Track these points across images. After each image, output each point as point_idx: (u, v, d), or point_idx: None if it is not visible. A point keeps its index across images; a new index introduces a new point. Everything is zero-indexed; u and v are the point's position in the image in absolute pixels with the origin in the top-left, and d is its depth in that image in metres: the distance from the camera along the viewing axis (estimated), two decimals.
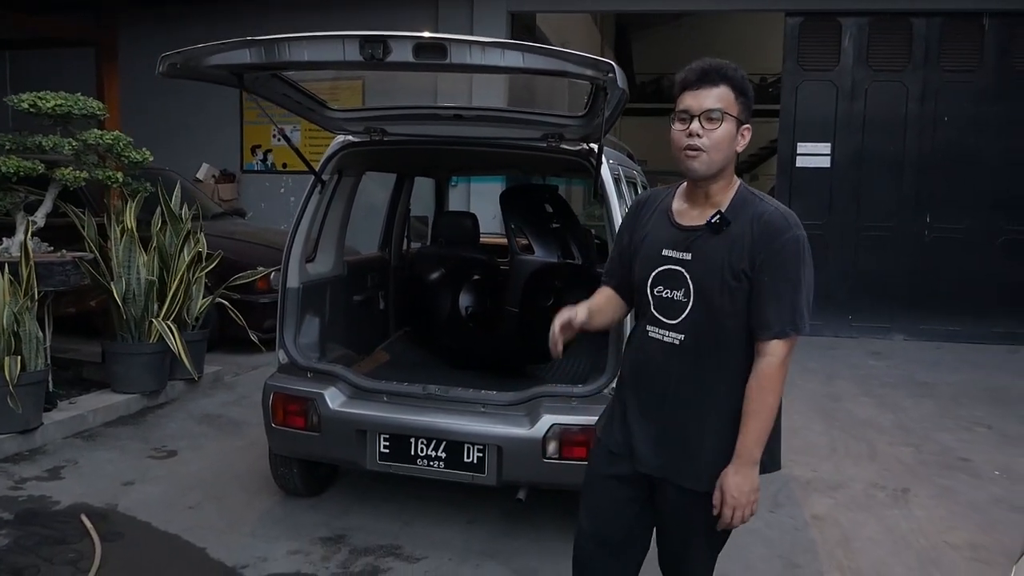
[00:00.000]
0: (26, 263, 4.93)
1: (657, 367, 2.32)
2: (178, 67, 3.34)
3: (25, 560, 3.56)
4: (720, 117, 2.20)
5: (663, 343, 2.30)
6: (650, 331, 2.33)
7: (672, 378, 2.29)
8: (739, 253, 2.19)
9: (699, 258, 2.24)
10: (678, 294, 2.27)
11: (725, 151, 2.23)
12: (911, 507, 4.56)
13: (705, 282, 2.22)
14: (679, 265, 2.27)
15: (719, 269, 2.21)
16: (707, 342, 2.25)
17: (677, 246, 2.29)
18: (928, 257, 9.53)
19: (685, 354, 2.26)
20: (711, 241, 2.24)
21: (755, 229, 2.20)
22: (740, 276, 2.19)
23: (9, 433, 4.78)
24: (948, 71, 9.42)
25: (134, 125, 6.94)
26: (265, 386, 4.02)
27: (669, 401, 2.30)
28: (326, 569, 3.61)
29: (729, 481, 2.21)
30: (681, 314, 2.26)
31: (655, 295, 2.31)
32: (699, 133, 2.20)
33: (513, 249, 4.64)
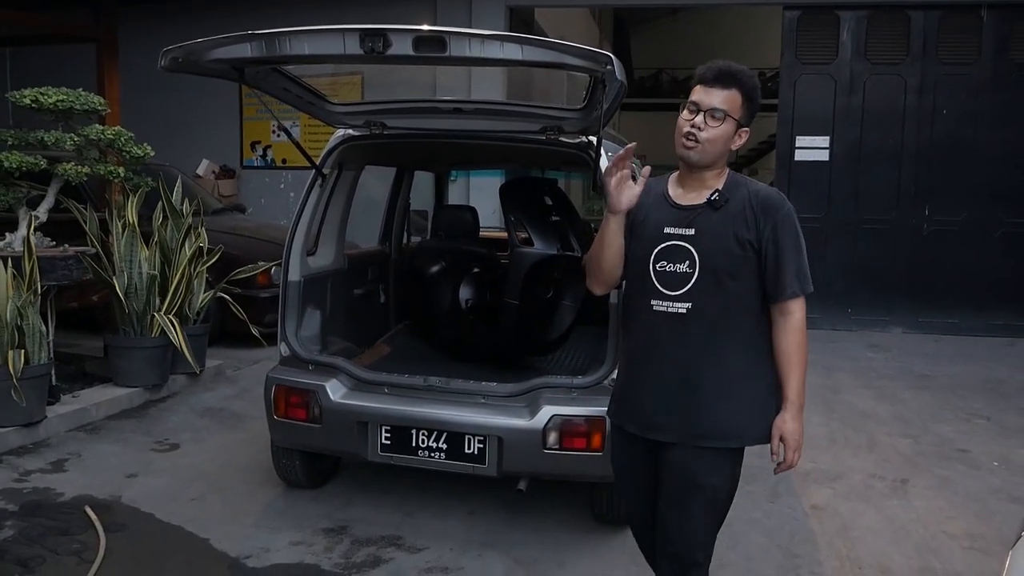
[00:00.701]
0: (29, 258, 4.96)
1: (666, 337, 2.48)
2: (179, 61, 3.35)
3: (30, 551, 3.59)
4: (722, 117, 2.43)
5: (668, 313, 2.46)
6: (655, 305, 2.48)
7: (682, 346, 2.46)
8: (742, 225, 2.43)
9: (703, 231, 2.45)
10: (681, 267, 2.45)
11: (720, 147, 2.47)
12: (910, 497, 4.58)
13: (711, 252, 2.43)
14: (682, 240, 2.46)
15: (724, 239, 2.43)
16: (712, 309, 2.44)
17: (679, 223, 2.48)
18: (927, 250, 9.54)
19: (692, 322, 2.44)
20: (713, 216, 2.46)
21: (754, 204, 2.45)
22: (745, 245, 2.43)
23: (13, 426, 4.81)
24: (946, 64, 9.42)
25: (134, 121, 6.96)
26: (267, 378, 4.05)
27: (681, 368, 2.47)
28: (328, 560, 3.64)
29: (788, 427, 2.44)
30: (686, 285, 2.44)
31: (657, 270, 2.48)
32: (700, 127, 2.43)
33: (513, 242, 4.66)
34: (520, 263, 4.55)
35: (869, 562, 3.79)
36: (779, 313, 2.46)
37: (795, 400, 2.44)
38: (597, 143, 3.78)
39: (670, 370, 2.48)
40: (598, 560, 3.73)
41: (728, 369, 2.46)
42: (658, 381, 2.50)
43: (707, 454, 2.45)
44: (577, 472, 3.75)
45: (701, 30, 23.16)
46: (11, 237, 5.32)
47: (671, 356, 2.47)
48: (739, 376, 2.46)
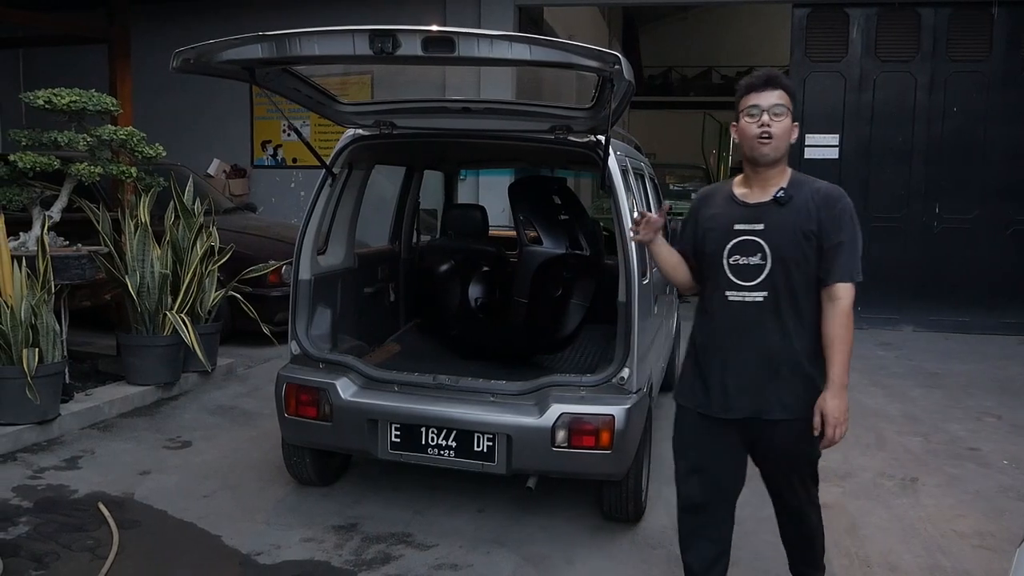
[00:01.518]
0: (43, 257, 5.01)
1: (744, 324, 2.76)
2: (191, 62, 3.39)
3: (44, 547, 3.63)
4: (783, 112, 2.73)
5: (745, 303, 2.75)
6: (730, 296, 2.77)
7: (759, 330, 2.75)
8: (806, 218, 2.71)
9: (771, 226, 2.73)
10: (754, 259, 2.73)
11: (786, 140, 2.76)
12: (919, 496, 4.58)
13: (780, 245, 2.71)
14: (753, 235, 2.74)
15: (791, 233, 2.71)
16: (785, 295, 2.73)
17: (749, 220, 2.76)
18: (937, 248, 9.52)
19: (767, 308, 2.73)
20: (779, 212, 2.74)
21: (816, 200, 2.74)
22: (809, 236, 2.70)
23: (28, 423, 4.86)
24: (957, 61, 9.39)
25: (146, 120, 7.01)
26: (278, 377, 4.07)
27: (759, 350, 2.75)
28: (339, 556, 3.67)
29: (828, 405, 2.70)
30: (760, 275, 2.73)
31: (731, 263, 2.77)
32: (768, 123, 2.72)
33: (522, 240, 4.69)
34: (529, 262, 4.57)
35: (878, 560, 3.80)
36: (827, 298, 2.73)
37: (836, 380, 2.70)
38: (606, 142, 3.79)
39: (748, 354, 2.75)
40: (607, 557, 3.74)
41: (799, 348, 2.74)
42: (734, 367, 2.78)
43: (790, 425, 2.77)
44: (586, 470, 3.77)
45: (711, 28, 23.14)
46: (25, 237, 5.37)
47: (748, 341, 2.75)
48: (805, 354, 2.75)
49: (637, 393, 3.76)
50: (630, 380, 3.73)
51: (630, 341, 3.73)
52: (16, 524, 3.86)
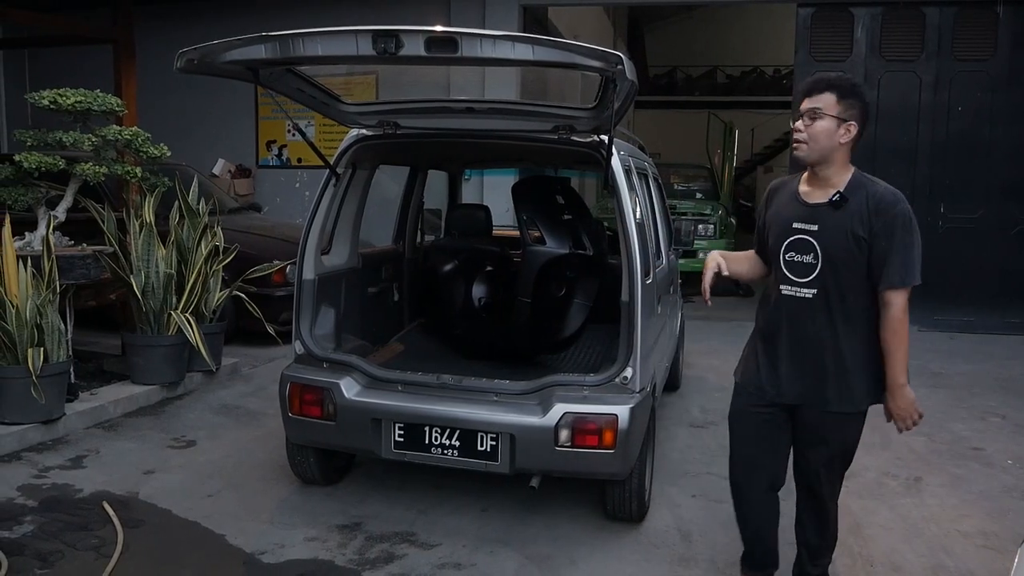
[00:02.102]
0: (48, 257, 5.02)
1: (795, 317, 2.92)
2: (195, 63, 3.40)
3: (50, 546, 3.64)
4: (819, 115, 2.81)
5: (797, 298, 2.91)
6: (783, 290, 2.94)
7: (808, 325, 2.90)
8: (858, 223, 2.79)
9: (824, 228, 2.84)
10: (807, 258, 2.87)
11: (823, 142, 2.83)
12: (923, 495, 4.58)
13: (831, 247, 2.83)
14: (808, 235, 2.87)
15: (842, 236, 2.81)
16: (835, 294, 2.85)
17: (805, 219, 2.88)
18: (942, 247, 9.48)
19: (817, 305, 2.87)
20: (834, 214, 2.83)
21: (870, 205, 2.80)
22: (860, 241, 2.79)
23: (33, 423, 4.88)
24: (962, 60, 9.39)
25: (150, 120, 7.01)
26: (282, 376, 4.08)
27: (808, 343, 2.91)
28: (343, 555, 3.67)
29: (891, 406, 2.90)
30: (811, 273, 2.87)
31: (787, 260, 2.92)
32: (800, 128, 2.86)
33: (525, 240, 4.69)
34: (532, 261, 4.58)
35: (881, 560, 3.80)
36: (881, 304, 2.83)
37: (893, 382, 2.86)
38: (609, 142, 3.79)
39: (797, 346, 2.93)
40: (610, 557, 3.75)
41: (847, 346, 2.87)
42: (786, 355, 2.96)
43: (830, 417, 2.93)
44: (589, 469, 3.77)
45: (715, 28, 23.14)
46: (31, 236, 5.38)
47: (799, 334, 2.92)
48: (854, 353, 2.88)
49: (640, 392, 3.77)
50: (633, 380, 3.73)
51: (633, 341, 3.74)
52: (21, 523, 3.87)
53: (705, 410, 6.03)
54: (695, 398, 6.35)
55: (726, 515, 4.15)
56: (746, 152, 25.24)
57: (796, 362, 2.95)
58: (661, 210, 5.59)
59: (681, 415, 5.90)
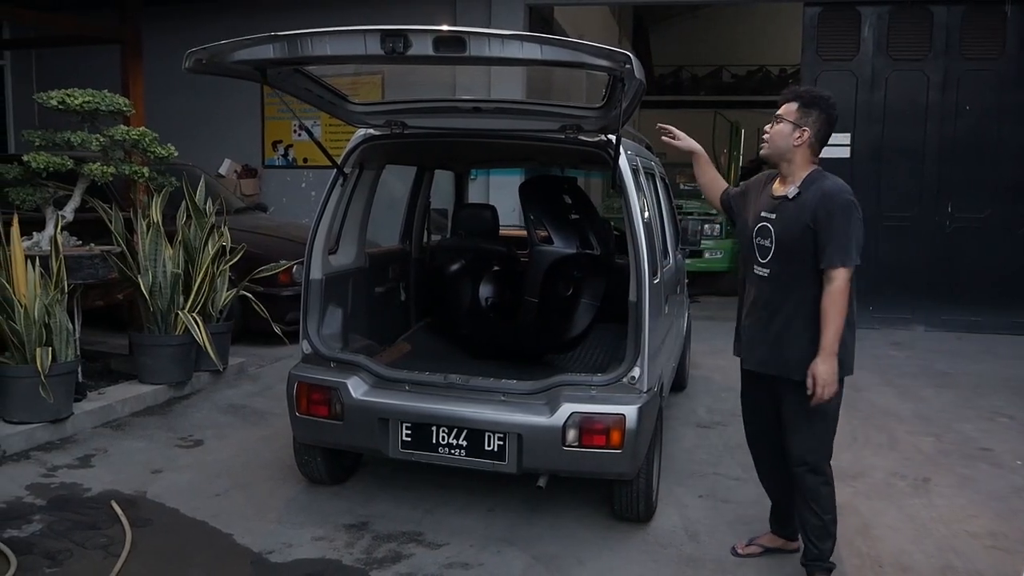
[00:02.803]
0: (56, 257, 5.04)
1: (758, 293, 3.39)
2: (203, 63, 3.41)
3: (58, 545, 3.66)
4: (778, 120, 3.33)
5: (759, 276, 3.38)
6: (755, 268, 3.40)
7: (765, 299, 3.36)
8: (808, 213, 3.21)
9: (780, 217, 3.31)
10: (767, 242, 3.33)
11: (779, 142, 3.33)
12: (931, 496, 4.57)
13: (782, 233, 3.28)
14: (768, 223, 3.34)
15: (793, 224, 3.25)
16: (784, 274, 3.29)
17: (769, 210, 3.36)
18: (949, 247, 9.47)
19: (771, 282, 3.33)
20: (789, 206, 3.29)
21: (815, 197, 3.23)
22: (805, 228, 3.21)
23: (41, 422, 4.89)
24: (970, 59, 9.34)
25: (156, 120, 7.04)
26: (289, 376, 4.09)
27: (765, 316, 3.36)
28: (350, 555, 3.68)
29: (818, 368, 3.16)
30: (768, 255, 3.33)
31: (756, 244, 3.39)
32: (766, 130, 3.38)
33: (532, 240, 4.68)
34: (540, 261, 4.57)
35: (890, 561, 3.79)
36: (825, 279, 3.19)
37: (827, 347, 3.16)
38: (616, 141, 3.79)
39: (759, 318, 3.39)
40: (617, 556, 3.74)
41: (797, 317, 3.27)
42: (753, 326, 3.43)
43: (791, 384, 3.27)
44: (596, 469, 3.77)
45: (721, 27, 23.10)
46: (39, 236, 5.40)
47: (760, 307, 3.39)
48: (802, 325, 3.25)
49: (648, 392, 3.76)
50: (641, 379, 3.73)
51: (641, 340, 3.73)
52: (30, 522, 3.88)
53: (712, 410, 6.03)
54: (702, 398, 6.34)
55: (733, 515, 4.16)
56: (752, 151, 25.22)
57: (759, 333, 3.39)
58: (668, 210, 5.59)
59: (688, 415, 5.89)
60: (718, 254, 11.36)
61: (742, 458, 4.93)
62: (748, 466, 4.67)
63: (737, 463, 4.90)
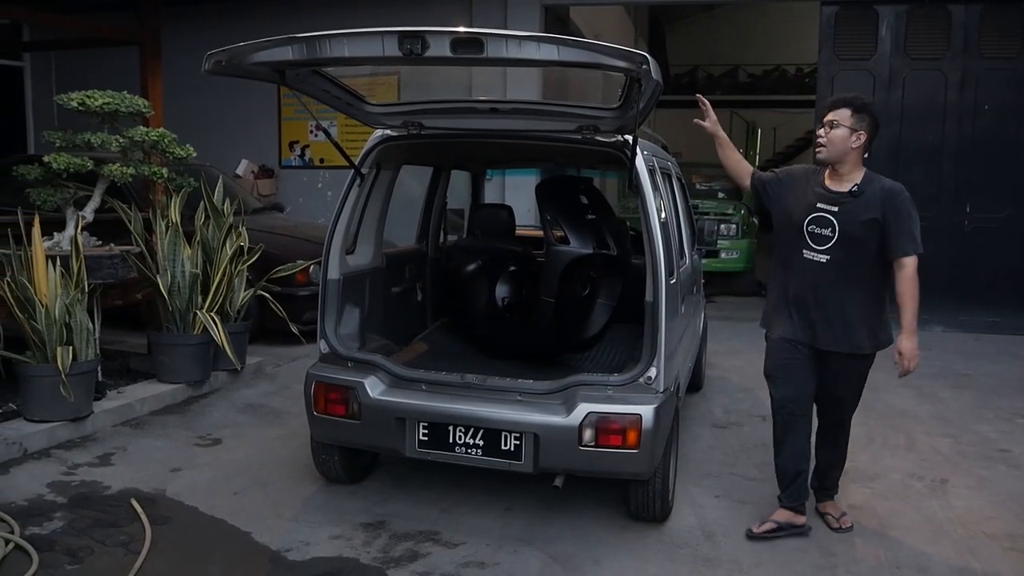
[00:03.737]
0: (76, 257, 5.08)
1: (818, 276, 3.74)
2: (223, 64, 3.43)
3: (79, 542, 3.69)
4: (838, 126, 3.70)
5: (815, 261, 3.73)
6: (805, 254, 3.75)
7: (829, 282, 3.73)
8: (871, 208, 3.65)
9: (843, 211, 3.69)
10: (826, 231, 3.71)
11: (839, 146, 3.71)
12: (949, 497, 4.54)
13: (847, 225, 3.67)
14: (829, 214, 3.71)
15: (856, 217, 3.66)
16: (844, 261, 3.69)
17: (828, 202, 3.73)
18: (968, 247, 9.40)
19: (830, 268, 3.71)
20: (852, 201, 3.69)
21: (880, 195, 3.68)
22: (873, 222, 3.64)
23: (62, 421, 4.93)
24: (988, 59, 9.27)
25: (174, 120, 7.07)
26: (307, 375, 4.11)
27: (821, 297, 3.75)
28: (367, 553, 3.70)
29: (902, 345, 3.74)
30: (828, 243, 3.70)
31: (809, 231, 3.74)
32: (822, 135, 3.75)
33: (549, 240, 4.69)
34: (556, 261, 4.58)
35: (907, 562, 3.77)
36: (897, 267, 3.67)
37: (907, 327, 3.71)
38: (633, 142, 3.79)
39: (818, 299, 3.75)
40: (633, 556, 3.75)
41: (856, 301, 3.73)
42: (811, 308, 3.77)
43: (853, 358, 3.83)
44: (612, 469, 3.77)
45: (737, 27, 23.03)
46: (59, 237, 5.44)
47: (825, 291, 3.74)
48: (863, 307, 3.75)
49: (664, 392, 3.76)
50: (657, 380, 3.73)
51: (657, 341, 3.74)
52: (51, 519, 3.92)
53: (728, 410, 6.02)
54: (718, 399, 6.33)
55: (750, 516, 4.15)
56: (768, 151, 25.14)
57: (819, 313, 3.75)
58: (684, 210, 5.58)
59: (704, 415, 5.88)
60: (734, 254, 11.32)
61: (758, 458, 4.93)
62: (764, 466, 4.68)
63: (753, 464, 4.89)
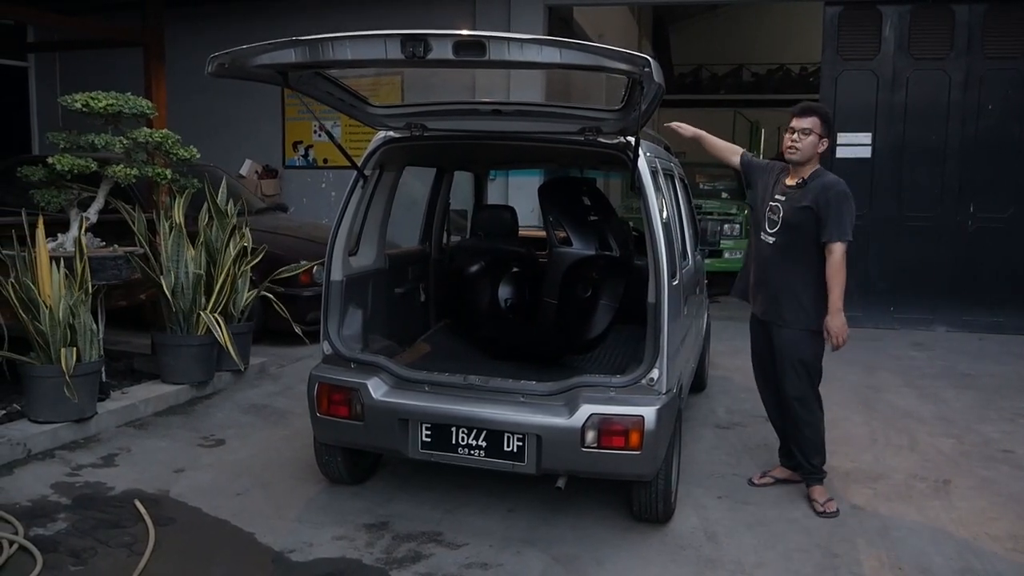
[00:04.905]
0: (80, 258, 5.09)
1: (766, 254, 4.30)
2: (226, 67, 3.44)
3: (83, 543, 3.71)
4: (808, 133, 4.18)
5: (766, 242, 4.29)
6: (762, 236, 4.33)
7: (770, 260, 4.27)
8: (810, 198, 4.12)
9: (788, 200, 4.22)
10: (774, 216, 4.25)
11: (809, 151, 4.21)
12: (952, 498, 4.54)
13: (788, 212, 4.19)
14: (778, 203, 4.25)
15: (794, 205, 4.17)
16: (787, 243, 4.19)
17: (781, 193, 4.27)
18: (971, 247, 9.38)
19: (776, 248, 4.24)
20: (796, 193, 4.21)
21: (818, 187, 4.15)
22: (807, 210, 4.11)
23: (66, 421, 4.95)
24: (992, 58, 9.25)
25: (177, 121, 7.09)
26: (310, 376, 4.12)
27: (767, 274, 4.31)
28: (370, 554, 3.70)
29: (829, 323, 4.10)
30: (776, 227, 4.24)
31: (767, 216, 4.29)
32: (796, 139, 4.21)
33: (552, 241, 4.69)
34: (559, 263, 4.58)
35: (909, 563, 3.77)
36: (826, 252, 4.09)
37: (833, 305, 4.07)
38: (636, 143, 3.79)
39: (766, 276, 4.31)
40: (636, 558, 3.75)
41: (797, 279, 4.18)
42: (759, 282, 4.37)
43: (787, 332, 4.23)
44: (615, 471, 3.77)
45: (741, 26, 23.00)
46: (63, 238, 5.46)
47: (765, 267, 4.31)
48: (802, 286, 4.18)
49: (667, 394, 3.77)
50: (660, 381, 3.73)
51: (660, 342, 3.74)
52: (55, 520, 3.93)
53: (731, 411, 6.02)
54: (721, 399, 6.33)
55: (752, 517, 4.15)
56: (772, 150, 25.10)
57: (765, 288, 4.30)
58: (687, 211, 5.58)
59: (707, 416, 5.88)
60: (737, 254, 11.32)
61: (761, 459, 4.94)
62: (767, 467, 4.69)
63: (756, 464, 4.89)
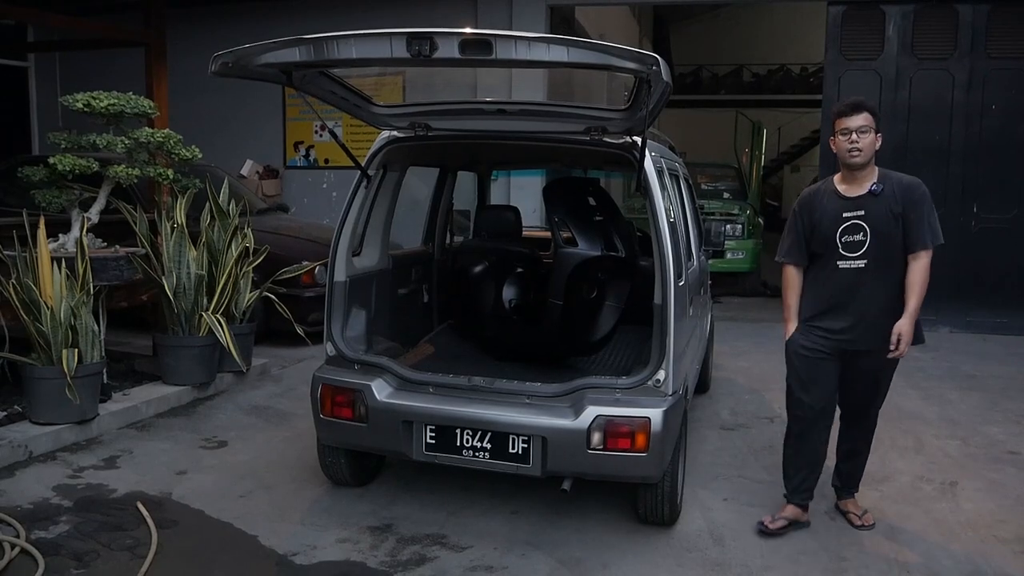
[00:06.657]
0: (81, 259, 5.07)
1: (850, 284, 3.82)
2: (229, 66, 3.42)
3: (85, 546, 3.68)
4: (867, 131, 3.77)
5: (852, 268, 3.82)
6: (840, 264, 3.83)
7: (861, 288, 3.81)
8: (893, 203, 3.78)
9: (870, 213, 3.79)
10: (858, 237, 3.79)
11: (872, 150, 3.80)
12: (959, 500, 4.52)
13: (877, 225, 3.77)
14: (857, 219, 3.80)
15: (885, 215, 3.77)
16: (880, 262, 3.79)
17: (852, 209, 3.81)
18: (975, 248, 9.34)
19: (867, 272, 3.80)
20: (874, 202, 3.80)
21: (898, 190, 3.81)
22: (897, 217, 3.77)
23: (67, 423, 4.93)
24: (995, 58, 9.23)
25: (178, 121, 7.06)
26: (313, 378, 4.09)
27: (861, 302, 3.82)
28: (374, 557, 3.68)
29: (905, 327, 3.77)
30: (862, 248, 3.79)
31: (842, 241, 3.81)
32: (857, 141, 3.76)
33: (557, 242, 4.67)
34: (564, 263, 4.56)
35: (917, 565, 3.75)
36: (912, 258, 3.80)
37: (910, 310, 3.78)
38: (642, 143, 3.77)
39: (854, 304, 3.83)
40: (642, 561, 3.73)
41: (888, 300, 3.81)
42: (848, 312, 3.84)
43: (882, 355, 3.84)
44: (621, 472, 3.75)
45: (743, 26, 22.99)
46: (64, 238, 5.44)
47: (853, 295, 3.82)
48: (892, 305, 3.81)
49: (673, 395, 3.74)
50: (666, 382, 3.71)
51: (665, 343, 3.72)
52: (57, 523, 3.91)
53: (735, 412, 5.99)
54: (725, 400, 6.30)
55: (758, 518, 4.12)
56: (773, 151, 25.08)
57: (855, 317, 3.83)
58: (692, 211, 5.56)
59: (711, 417, 5.86)
60: (740, 254, 11.30)
61: (766, 460, 4.91)
62: (772, 468, 4.66)
63: (761, 466, 4.87)
